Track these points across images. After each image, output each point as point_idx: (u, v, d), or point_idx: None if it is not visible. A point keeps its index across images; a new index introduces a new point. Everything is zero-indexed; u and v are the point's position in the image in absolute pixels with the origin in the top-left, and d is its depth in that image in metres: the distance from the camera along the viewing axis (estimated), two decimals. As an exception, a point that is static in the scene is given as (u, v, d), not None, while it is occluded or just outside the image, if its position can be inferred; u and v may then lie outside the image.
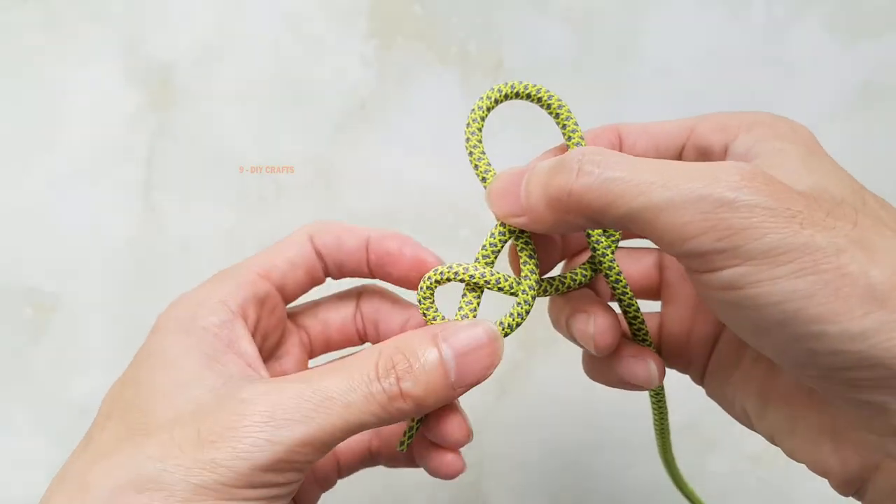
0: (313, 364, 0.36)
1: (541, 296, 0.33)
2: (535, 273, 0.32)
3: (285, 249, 0.35)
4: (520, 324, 0.32)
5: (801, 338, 0.24)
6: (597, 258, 0.33)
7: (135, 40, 0.53)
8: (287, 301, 0.35)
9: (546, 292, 0.33)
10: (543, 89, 0.32)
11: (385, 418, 0.28)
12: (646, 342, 0.34)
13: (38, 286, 0.53)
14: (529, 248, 0.32)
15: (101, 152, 0.53)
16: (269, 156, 0.54)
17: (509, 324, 0.31)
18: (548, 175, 0.28)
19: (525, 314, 0.32)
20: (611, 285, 0.33)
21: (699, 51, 0.54)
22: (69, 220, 0.53)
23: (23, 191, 0.53)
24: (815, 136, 0.30)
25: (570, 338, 0.33)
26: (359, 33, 0.54)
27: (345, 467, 0.36)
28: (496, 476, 0.54)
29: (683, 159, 0.33)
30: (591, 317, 0.32)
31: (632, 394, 0.35)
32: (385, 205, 0.54)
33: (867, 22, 0.53)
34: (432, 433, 0.32)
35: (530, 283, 0.32)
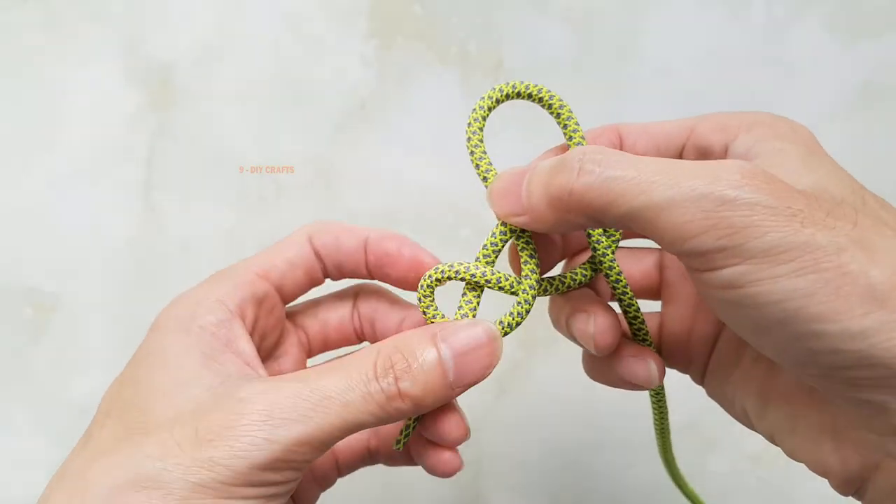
0: (312, 364, 0.36)
1: (541, 295, 0.33)
2: (535, 272, 0.32)
3: (284, 250, 0.35)
4: (520, 323, 0.32)
5: (802, 336, 0.24)
6: (597, 258, 0.33)
7: (135, 40, 0.53)
8: (286, 301, 0.35)
9: (546, 292, 0.33)
10: (545, 89, 0.32)
11: (383, 418, 0.28)
12: (646, 342, 0.34)
13: (38, 286, 0.53)
14: (530, 247, 0.32)
15: (101, 152, 0.53)
16: (269, 156, 0.54)
17: (509, 323, 0.31)
18: (549, 174, 0.28)
19: (525, 313, 0.32)
20: (611, 285, 0.33)
21: (699, 51, 0.54)
22: (69, 220, 0.53)
23: (23, 191, 0.53)
24: (815, 136, 0.30)
25: (571, 337, 0.33)
26: (359, 33, 0.54)
27: (344, 466, 0.36)
28: (496, 475, 0.54)
29: (683, 159, 0.33)
30: (592, 316, 0.32)
31: (632, 393, 0.35)
32: (385, 205, 0.54)
33: (867, 22, 0.53)
34: (430, 432, 0.32)
35: (531, 282, 0.32)
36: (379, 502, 0.54)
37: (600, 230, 0.32)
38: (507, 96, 0.32)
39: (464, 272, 0.31)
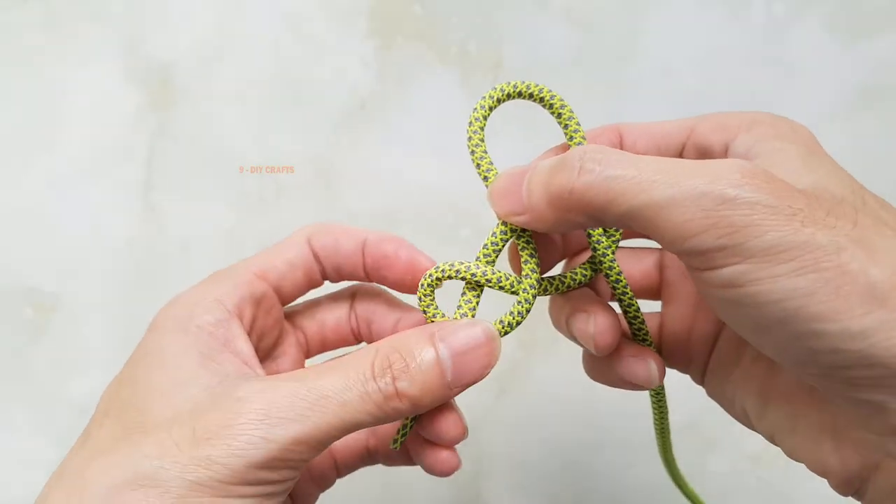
0: (310, 364, 0.36)
1: (541, 295, 0.33)
2: (535, 272, 0.32)
3: (283, 251, 0.35)
4: (520, 322, 0.32)
5: (802, 336, 0.24)
6: (597, 258, 0.33)
7: (135, 40, 0.53)
8: (284, 302, 0.35)
9: (546, 291, 0.33)
10: (546, 89, 0.32)
11: (381, 417, 0.28)
12: (646, 342, 0.34)
13: (38, 286, 0.53)
14: (530, 247, 0.32)
15: (101, 152, 0.54)
16: (269, 156, 0.54)
17: (509, 322, 0.31)
18: (549, 173, 0.28)
19: (525, 313, 0.32)
20: (611, 285, 0.33)
21: (699, 51, 0.54)
22: (69, 220, 0.54)
23: (23, 191, 0.53)
24: (815, 136, 0.30)
25: (571, 337, 0.33)
26: (359, 33, 0.54)
27: (343, 466, 0.36)
28: (496, 475, 0.54)
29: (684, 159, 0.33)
30: (592, 316, 0.32)
31: (632, 393, 0.35)
32: (385, 205, 0.54)
33: (867, 22, 0.53)
34: (427, 431, 0.32)
35: (531, 281, 0.32)
36: (378, 502, 0.54)
37: (600, 230, 0.32)
38: (508, 96, 0.32)
39: (464, 271, 0.31)
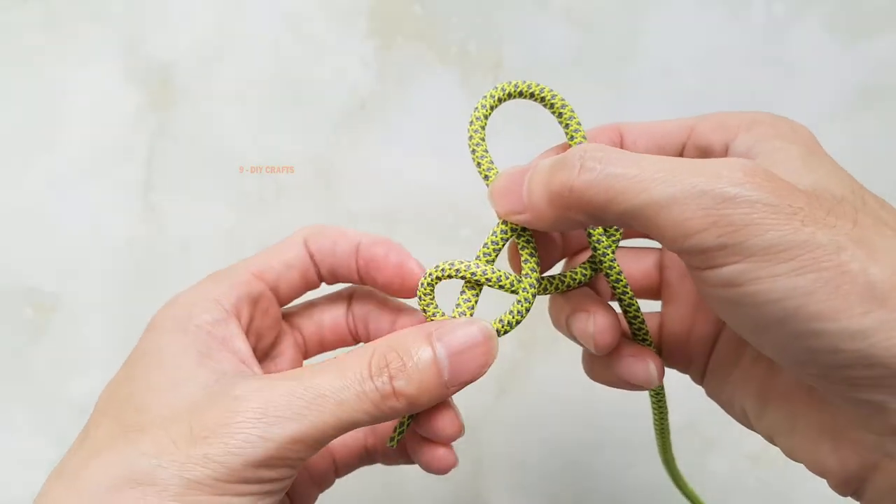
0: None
1: (541, 294, 0.33)
2: (535, 271, 0.32)
3: (280, 251, 0.35)
4: (520, 321, 0.32)
5: (801, 335, 0.24)
6: (597, 257, 0.33)
7: (135, 40, 0.53)
8: (282, 303, 0.36)
9: (546, 291, 0.33)
10: (546, 89, 0.32)
11: (378, 416, 0.28)
12: (646, 342, 0.34)
13: (38, 286, 0.53)
14: (531, 246, 0.32)
15: (101, 152, 0.54)
16: (269, 156, 0.54)
17: (509, 321, 0.31)
18: (550, 172, 0.28)
19: (525, 312, 0.32)
20: (611, 284, 0.33)
21: (699, 51, 0.54)
22: (69, 220, 0.54)
23: (23, 191, 0.53)
24: (815, 136, 0.30)
25: (570, 336, 0.33)
26: (359, 33, 0.54)
27: (342, 466, 0.36)
28: (495, 475, 0.54)
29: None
30: (592, 316, 0.32)
31: (632, 393, 0.35)
32: (385, 205, 0.54)
33: (867, 22, 0.53)
34: (424, 429, 0.32)
35: (531, 281, 0.32)
36: (378, 502, 0.54)
37: (600, 229, 0.32)
38: (509, 95, 0.32)
39: (464, 270, 0.31)
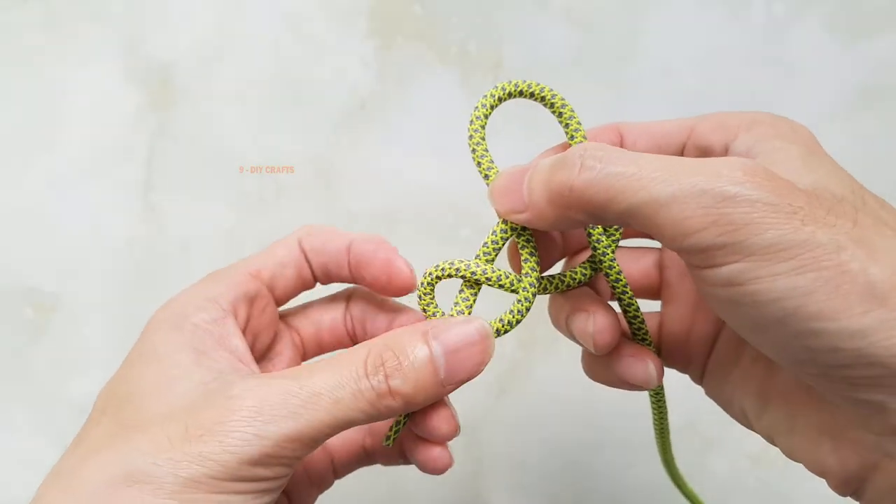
0: (306, 365, 0.36)
1: (541, 293, 0.33)
2: (535, 271, 0.32)
3: (275, 251, 0.35)
4: (519, 321, 0.32)
5: (801, 335, 0.24)
6: (597, 257, 0.33)
7: (135, 40, 0.53)
8: (279, 303, 0.36)
9: (546, 290, 0.33)
10: (547, 88, 0.32)
11: (374, 415, 0.28)
12: (645, 342, 0.34)
13: (38, 286, 0.53)
14: (530, 245, 0.32)
15: (101, 152, 0.54)
16: (269, 156, 0.54)
17: (509, 321, 0.31)
18: (550, 171, 0.28)
19: (525, 311, 0.32)
20: (611, 284, 0.33)
21: (699, 51, 0.54)
22: (69, 220, 0.54)
23: (23, 191, 0.53)
24: (815, 136, 0.30)
25: (570, 336, 0.33)
26: (359, 33, 0.54)
27: (340, 466, 0.36)
28: (496, 475, 0.54)
29: (684, 158, 0.33)
30: (591, 315, 0.32)
31: (632, 393, 0.35)
32: (385, 205, 0.54)
33: (867, 22, 0.53)
34: (419, 427, 0.32)
35: (530, 280, 0.32)
36: (378, 502, 0.54)
37: (600, 229, 0.32)
38: (510, 95, 0.32)
39: (464, 269, 0.31)
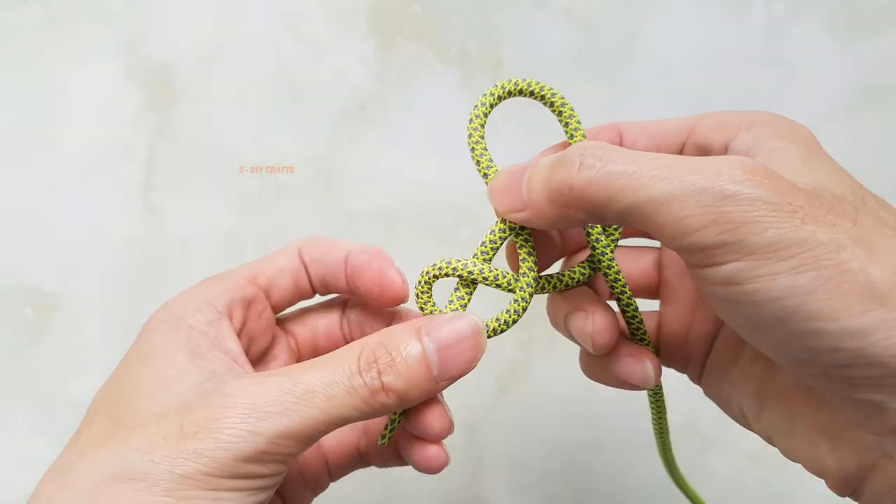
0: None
1: (538, 293, 0.33)
2: (533, 270, 0.32)
3: (274, 259, 0.35)
4: (516, 321, 0.32)
5: (800, 334, 0.24)
6: (596, 256, 0.32)
7: (135, 40, 0.53)
8: (276, 310, 0.36)
9: (544, 290, 0.33)
10: (546, 87, 0.32)
11: (368, 412, 0.28)
12: (644, 341, 0.34)
13: (38, 286, 0.53)
14: (528, 245, 0.32)
15: (101, 152, 0.54)
16: (269, 156, 0.54)
17: (506, 320, 0.31)
18: (549, 170, 0.28)
19: (522, 311, 0.32)
20: (609, 284, 0.33)
21: (699, 51, 0.54)
22: (69, 220, 0.54)
23: (23, 191, 0.53)
24: (815, 136, 0.30)
25: (568, 336, 0.33)
26: (359, 33, 0.54)
27: (334, 468, 0.36)
28: (495, 475, 0.54)
29: (684, 157, 0.33)
30: (590, 315, 0.32)
31: (631, 393, 0.35)
32: (385, 205, 0.54)
33: (867, 22, 0.53)
34: (413, 426, 0.32)
35: (528, 280, 0.32)
36: (378, 502, 0.54)
37: (599, 228, 0.32)
38: (509, 93, 0.32)
39: (461, 269, 0.31)
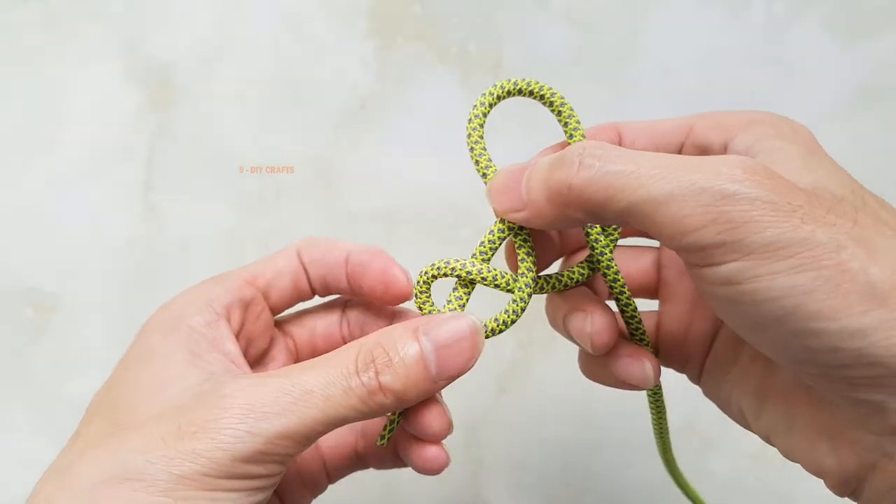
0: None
1: (538, 293, 0.32)
2: (531, 271, 0.32)
3: (273, 261, 0.35)
4: (514, 321, 0.32)
5: (800, 334, 0.24)
6: (595, 256, 0.32)
7: (135, 40, 0.53)
8: (275, 311, 0.36)
9: (543, 290, 0.33)
10: (546, 86, 0.32)
11: (366, 412, 0.28)
12: (643, 342, 0.34)
13: (38, 286, 0.53)
14: (527, 245, 0.32)
15: (101, 152, 0.54)
16: (269, 156, 0.54)
17: (504, 321, 0.31)
18: (548, 169, 0.28)
19: (521, 312, 0.31)
20: (608, 284, 0.33)
21: (699, 51, 0.54)
22: (69, 220, 0.54)
23: (23, 191, 0.53)
24: (815, 136, 0.30)
25: (567, 336, 0.33)
26: (359, 33, 0.54)
27: (332, 470, 0.36)
28: (495, 475, 0.54)
29: (683, 157, 0.33)
30: (589, 315, 0.32)
31: (631, 393, 0.35)
32: (385, 205, 0.54)
33: (867, 22, 0.53)
34: (412, 426, 0.32)
35: (526, 280, 0.31)
36: (378, 503, 0.54)
37: (598, 228, 0.32)
38: (508, 93, 0.32)
39: (459, 269, 0.31)
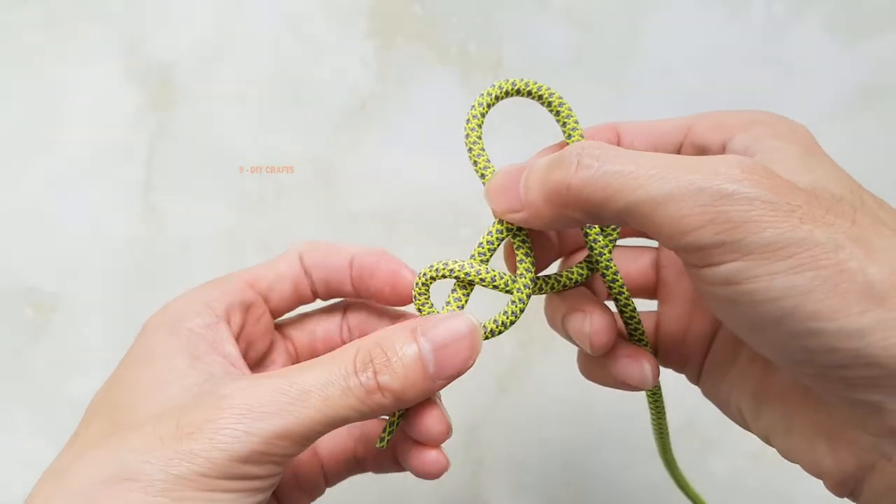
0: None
1: (536, 294, 0.32)
2: (530, 271, 0.32)
3: (275, 264, 0.35)
4: (513, 322, 0.31)
5: (798, 335, 0.24)
6: (594, 257, 0.32)
7: (135, 40, 0.53)
8: (275, 315, 0.36)
9: (542, 290, 0.33)
10: (544, 86, 0.32)
11: (364, 412, 0.28)
12: (642, 342, 0.34)
13: (38, 286, 0.54)
14: (526, 245, 0.32)
15: (101, 152, 0.54)
16: (269, 156, 0.54)
17: (503, 321, 0.31)
18: (547, 170, 0.28)
19: (519, 312, 0.31)
20: (607, 285, 0.33)
21: (699, 51, 0.54)
22: (69, 220, 0.54)
23: (23, 191, 0.53)
24: (814, 136, 0.30)
25: (566, 336, 0.33)
26: (359, 33, 0.54)
27: (330, 474, 0.36)
28: (495, 475, 0.54)
29: (682, 157, 0.32)
30: (588, 316, 0.31)
31: (631, 393, 0.35)
32: (385, 205, 0.54)
33: (867, 22, 0.53)
34: (411, 429, 0.32)
35: (525, 281, 0.31)
36: (378, 503, 0.54)
37: (597, 229, 0.32)
38: (507, 93, 0.32)
39: (458, 270, 0.31)
